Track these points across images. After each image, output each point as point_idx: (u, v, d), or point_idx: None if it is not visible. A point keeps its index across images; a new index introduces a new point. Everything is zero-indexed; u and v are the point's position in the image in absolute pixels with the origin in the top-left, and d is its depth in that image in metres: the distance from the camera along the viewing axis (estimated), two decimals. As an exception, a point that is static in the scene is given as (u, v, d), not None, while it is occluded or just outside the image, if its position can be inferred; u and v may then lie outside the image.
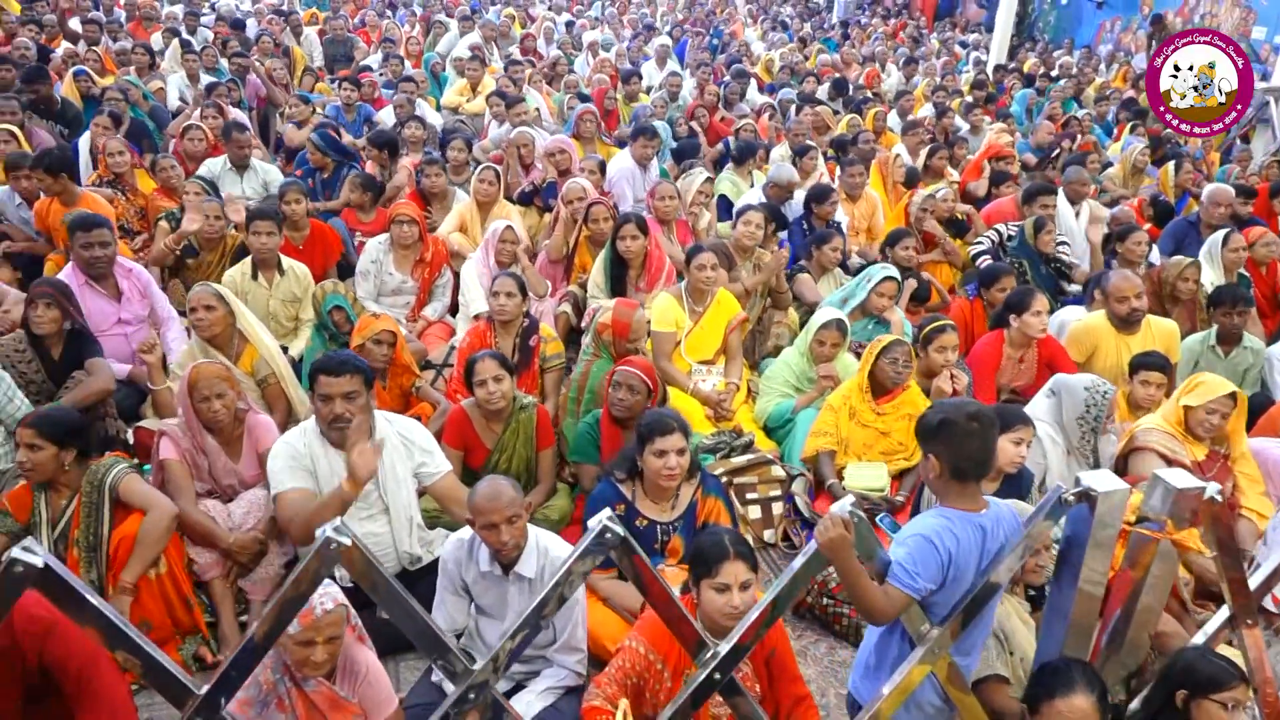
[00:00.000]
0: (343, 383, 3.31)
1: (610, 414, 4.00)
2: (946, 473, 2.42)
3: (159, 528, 3.24)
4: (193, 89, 9.34)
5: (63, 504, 3.32)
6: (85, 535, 3.28)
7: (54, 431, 3.21)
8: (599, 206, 5.67)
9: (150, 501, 3.29)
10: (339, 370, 3.31)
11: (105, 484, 3.29)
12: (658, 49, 12.52)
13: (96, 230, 4.77)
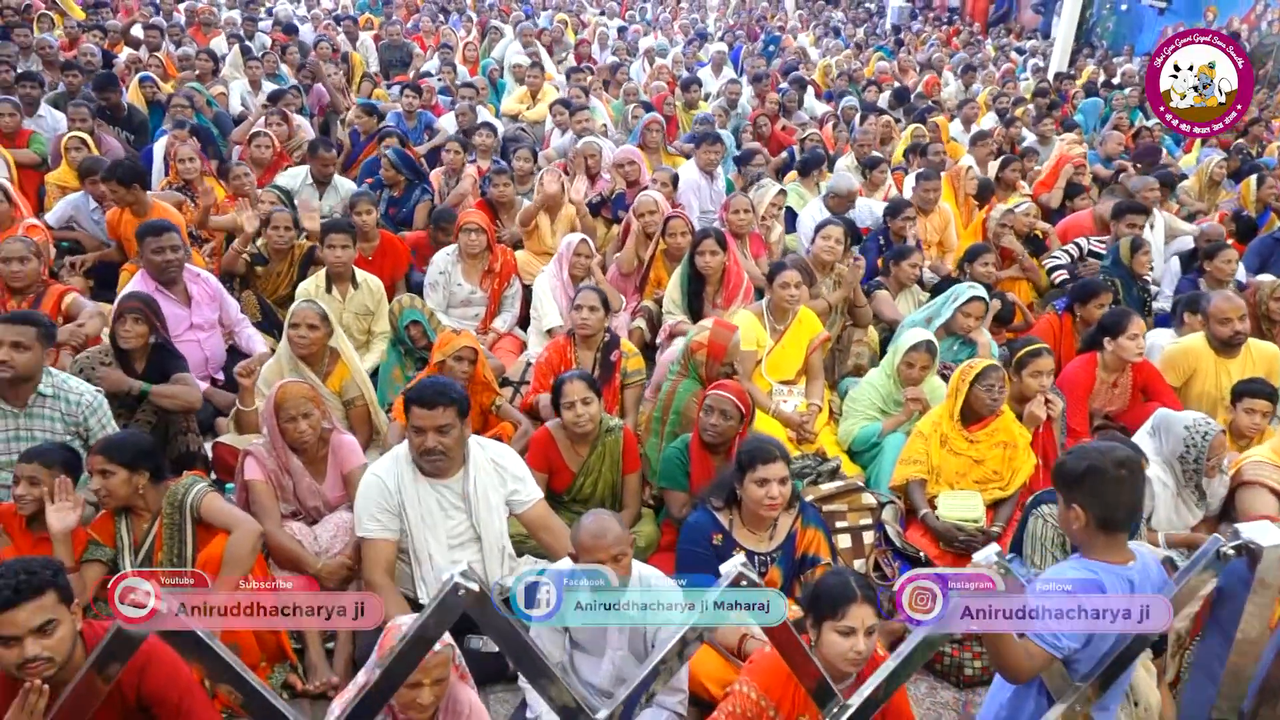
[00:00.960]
0: (437, 415, 3.20)
1: (701, 439, 3.88)
2: (1093, 523, 2.28)
3: (244, 547, 3.16)
4: (254, 95, 9.35)
5: (145, 527, 3.25)
6: (169, 557, 3.21)
7: (123, 456, 3.14)
8: (677, 220, 5.56)
9: (233, 520, 3.21)
10: (433, 402, 3.20)
11: (186, 504, 3.22)
12: (713, 55, 12.39)
13: (166, 235, 4.75)
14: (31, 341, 3.56)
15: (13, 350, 3.53)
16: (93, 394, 3.76)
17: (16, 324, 3.56)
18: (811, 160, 7.49)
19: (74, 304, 4.72)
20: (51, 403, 3.68)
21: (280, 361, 4.40)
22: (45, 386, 3.67)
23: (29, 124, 7.41)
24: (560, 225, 6.30)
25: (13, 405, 3.64)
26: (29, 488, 3.17)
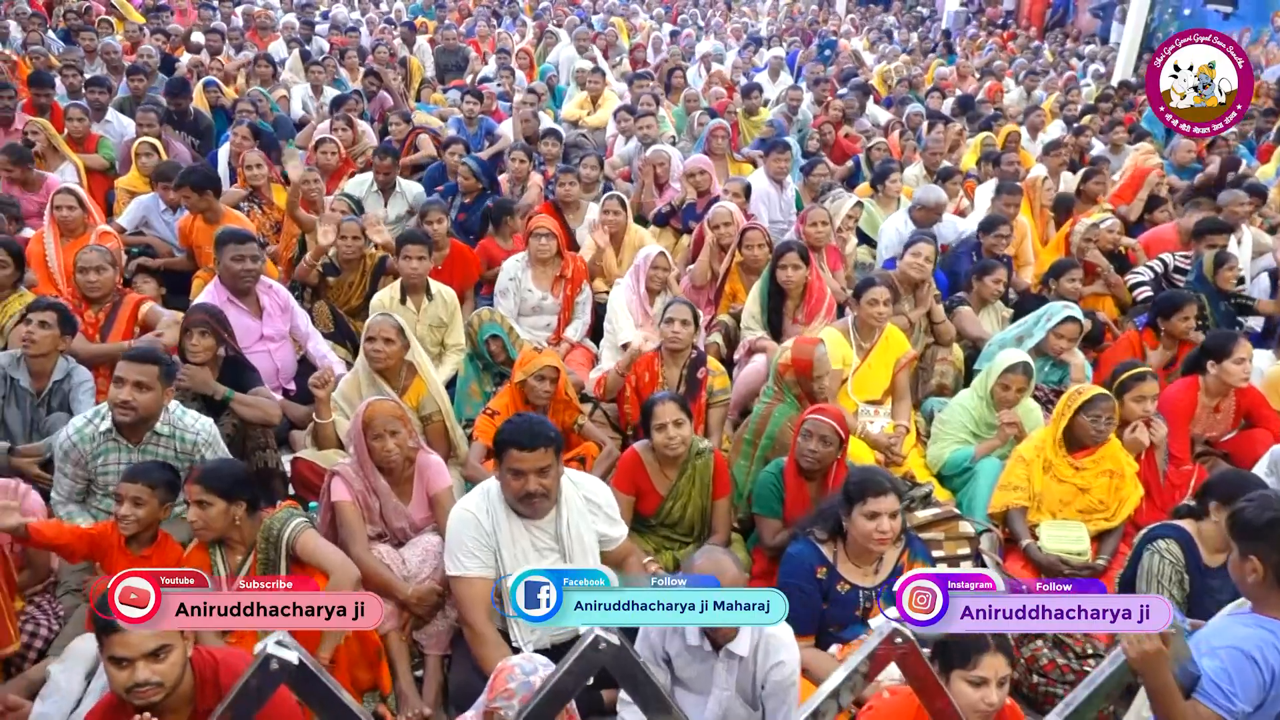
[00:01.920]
0: (537, 458, 3.05)
1: (797, 464, 3.74)
2: (1271, 577, 2.11)
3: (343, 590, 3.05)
4: (315, 100, 9.34)
5: (238, 560, 3.15)
6: (262, 595, 3.12)
7: (221, 485, 3.04)
8: (755, 232, 5.42)
9: (330, 562, 3.08)
10: (532, 444, 3.04)
11: (282, 540, 3.10)
12: (770, 61, 12.24)
13: (248, 244, 4.70)
14: (154, 382, 3.49)
15: (135, 390, 3.45)
16: (208, 430, 3.68)
17: (140, 363, 3.48)
18: (883, 170, 7.31)
19: (151, 313, 4.67)
20: (166, 441, 3.60)
21: (357, 375, 4.32)
22: (162, 425, 3.59)
23: (97, 129, 7.44)
24: (626, 254, 6.16)
25: (129, 440, 3.57)
26: (133, 508, 3.10)
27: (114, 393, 3.49)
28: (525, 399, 4.16)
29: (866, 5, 21.82)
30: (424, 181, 7.36)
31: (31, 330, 3.99)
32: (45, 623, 3.22)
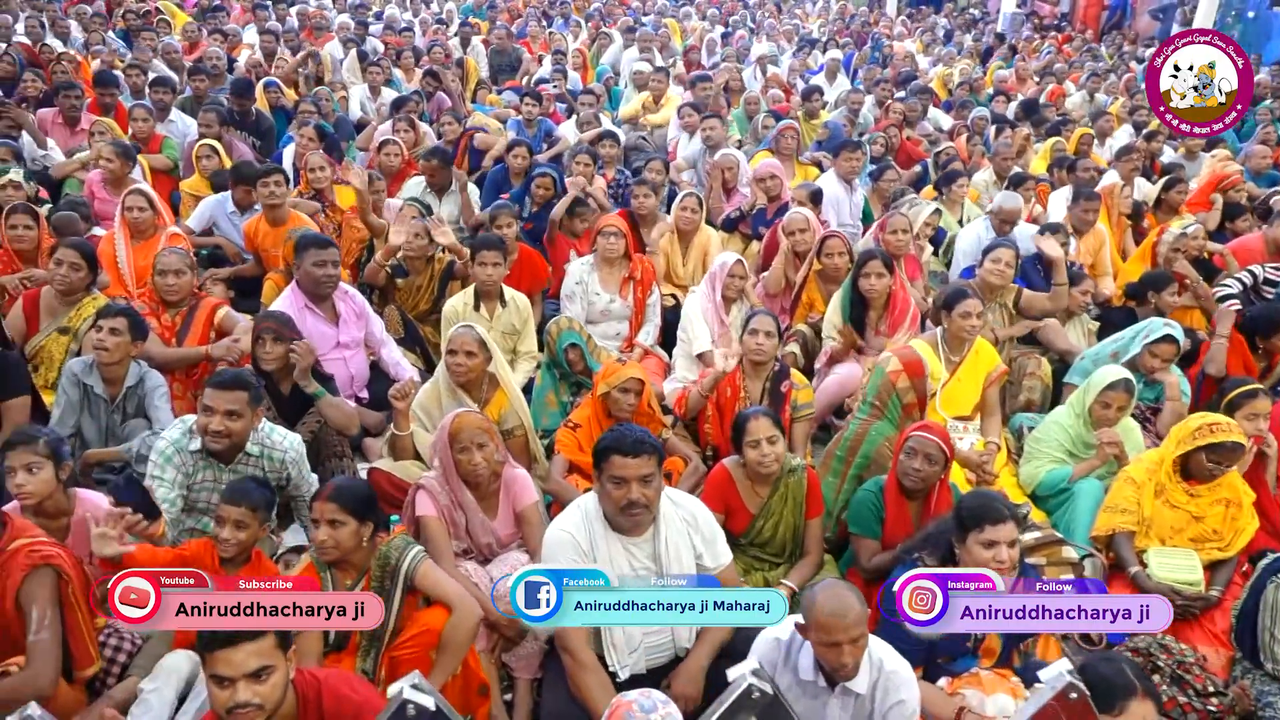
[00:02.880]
0: (640, 464, 2.91)
1: (899, 483, 3.59)
2: None
3: (466, 631, 2.93)
4: (373, 101, 9.29)
5: (348, 584, 3.02)
6: (372, 623, 3.00)
7: (355, 505, 2.94)
8: (835, 240, 5.26)
9: (451, 596, 2.96)
10: (636, 451, 2.90)
11: (400, 569, 2.97)
12: (827, 63, 12.06)
13: (330, 249, 4.64)
14: (244, 408, 3.43)
15: (226, 419, 3.40)
16: (296, 448, 3.63)
17: (229, 390, 3.41)
18: (952, 175, 7.12)
19: (227, 318, 4.61)
20: (255, 460, 3.56)
21: (437, 386, 4.22)
22: (252, 445, 3.54)
23: (161, 129, 7.42)
24: (693, 254, 6.02)
25: (220, 461, 3.52)
26: (234, 531, 3.01)
27: (204, 420, 3.43)
28: (608, 411, 4.04)
29: (917, 7, 21.54)
30: (486, 184, 7.27)
31: (102, 338, 3.93)
32: (128, 638, 3.14)
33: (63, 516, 3.26)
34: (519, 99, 10.30)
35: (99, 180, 6.30)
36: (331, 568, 3.06)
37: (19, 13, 11.18)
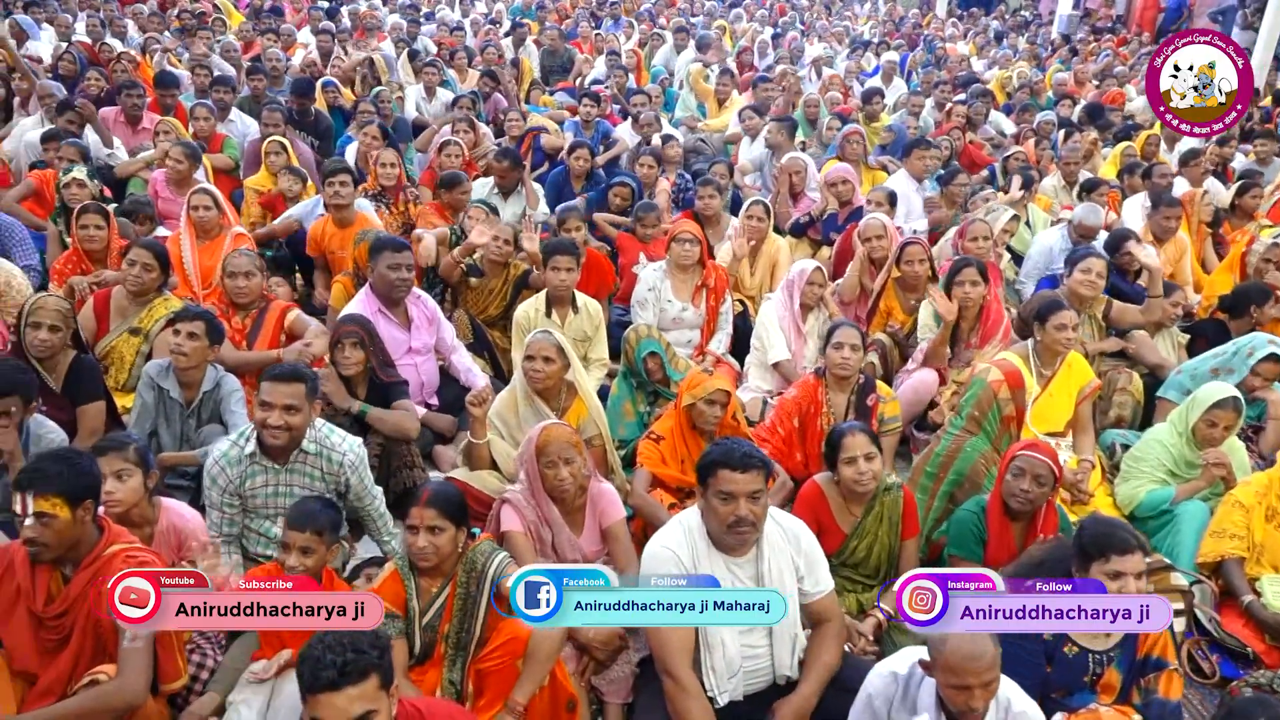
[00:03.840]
0: (749, 480, 2.78)
1: (1003, 504, 3.42)
2: None
3: (554, 642, 2.81)
4: (428, 101, 9.22)
5: (434, 591, 2.92)
6: (456, 632, 2.88)
7: (454, 511, 2.86)
8: (915, 247, 5.08)
9: None
10: (745, 465, 2.77)
11: (487, 577, 2.87)
12: (884, 65, 11.85)
13: (405, 253, 4.54)
14: (302, 401, 3.32)
15: (285, 414, 3.29)
16: (355, 451, 3.50)
17: (286, 383, 3.30)
18: (1027, 180, 6.92)
19: (298, 321, 4.54)
20: (313, 459, 3.43)
21: (514, 394, 4.11)
22: (309, 443, 3.41)
23: (221, 129, 7.40)
24: (761, 262, 5.86)
25: (276, 461, 3.41)
26: (301, 558, 2.91)
27: (261, 415, 3.32)
28: (692, 424, 3.91)
29: (967, 9, 21.20)
30: (545, 186, 7.17)
31: (180, 342, 3.86)
32: (210, 653, 3.05)
33: (147, 525, 3.19)
34: (572, 100, 10.25)
35: (163, 180, 6.27)
36: (416, 575, 2.96)
37: (78, 12, 11.26)
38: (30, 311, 3.86)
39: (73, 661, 2.73)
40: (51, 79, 8.09)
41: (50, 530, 2.57)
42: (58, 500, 2.57)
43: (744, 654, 2.91)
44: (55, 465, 2.63)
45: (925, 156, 6.72)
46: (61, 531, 2.60)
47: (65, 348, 3.94)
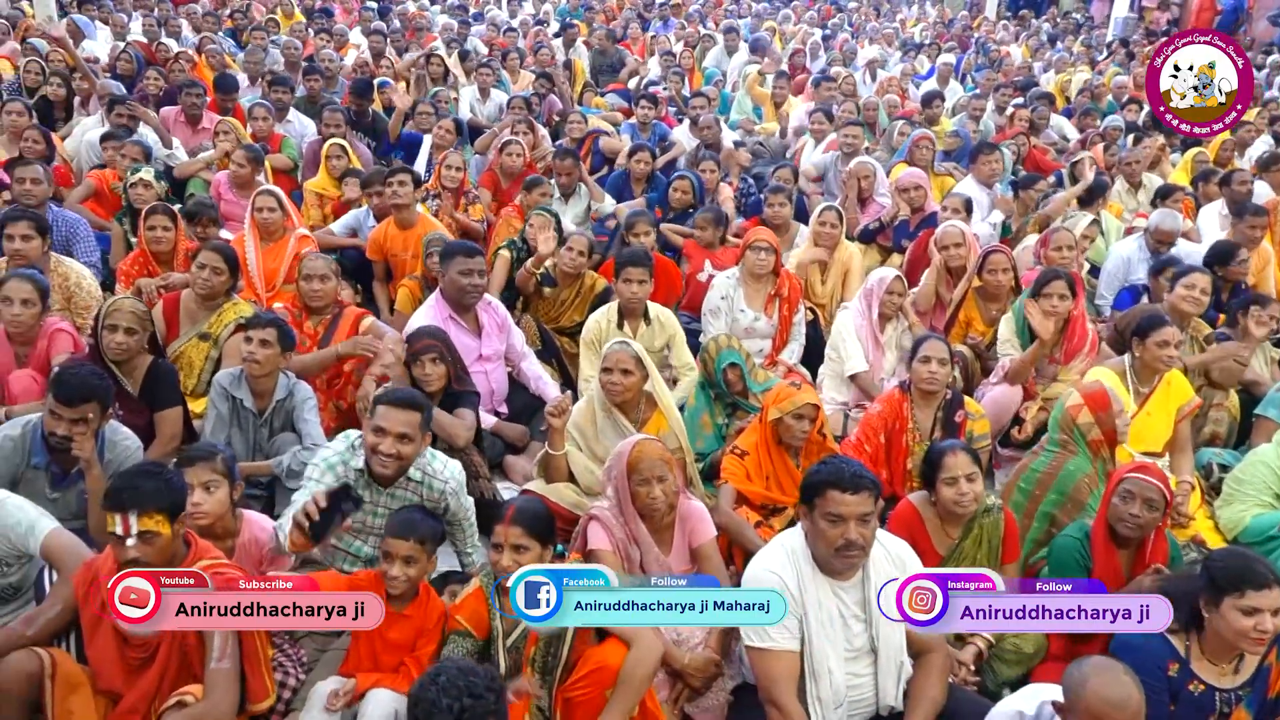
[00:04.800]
0: (860, 502, 2.66)
1: (1109, 529, 3.26)
2: None
3: (646, 669, 2.68)
4: (482, 103, 9.15)
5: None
6: (543, 655, 2.76)
7: (541, 530, 2.76)
8: (999, 256, 4.92)
9: (631, 632, 2.71)
10: (855, 486, 2.65)
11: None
12: (940, 68, 11.64)
13: (478, 258, 4.45)
14: (415, 431, 3.19)
15: (398, 442, 3.15)
16: (456, 476, 3.37)
17: (404, 409, 3.16)
18: (1097, 188, 6.72)
19: (372, 328, 4.45)
20: (416, 486, 3.30)
21: (592, 405, 3.99)
22: (415, 470, 3.28)
23: (279, 129, 7.36)
24: (833, 270, 5.70)
25: (379, 483, 3.29)
26: (404, 568, 2.80)
27: (374, 440, 3.18)
28: (778, 438, 3.77)
29: (1017, 11, 20.86)
30: (606, 189, 7.05)
31: (252, 350, 3.77)
32: (293, 672, 2.96)
33: (229, 538, 3.11)
34: (624, 101, 10.15)
35: (226, 182, 6.24)
36: (498, 593, 2.85)
37: (132, 11, 11.31)
38: (107, 314, 3.80)
39: (158, 680, 2.65)
40: (109, 79, 8.11)
41: (153, 548, 2.49)
42: (160, 516, 2.49)
43: (849, 683, 2.78)
44: (151, 481, 2.54)
45: (990, 160, 6.53)
46: (164, 549, 2.52)
47: (142, 351, 3.88)
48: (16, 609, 2.97)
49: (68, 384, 3.20)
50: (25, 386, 3.98)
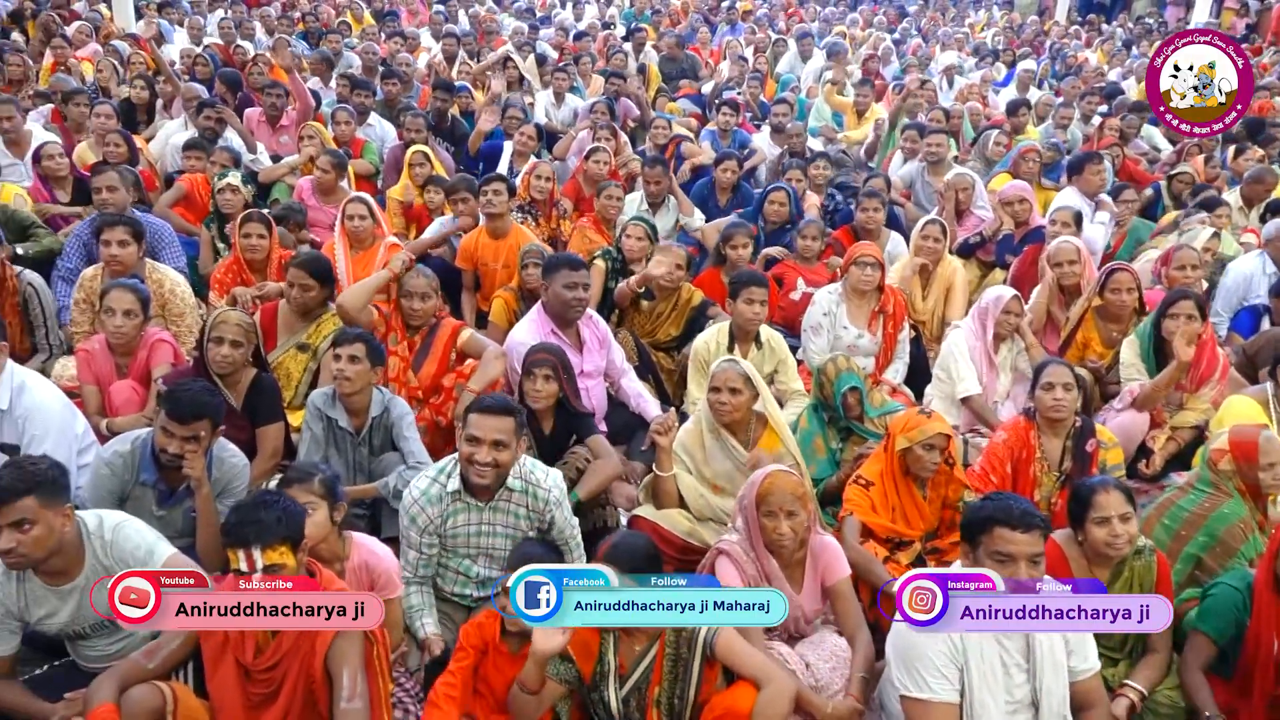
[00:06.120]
0: (1031, 541, 2.51)
1: (1275, 581, 3.02)
2: None
3: (779, 711, 2.53)
4: (557, 108, 9.03)
5: (638, 650, 2.68)
6: (668, 696, 2.63)
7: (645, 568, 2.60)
8: (1124, 274, 4.66)
9: (762, 673, 2.57)
10: (1026, 524, 2.50)
11: (698, 637, 2.62)
12: (1021, 74, 11.32)
13: (582, 271, 4.31)
14: (510, 437, 3.06)
15: (494, 450, 3.03)
16: (559, 485, 3.24)
17: (496, 415, 3.04)
18: (1212, 202, 6.43)
19: (471, 341, 4.32)
20: (519, 497, 3.17)
21: (700, 426, 3.83)
22: (514, 479, 3.15)
23: (359, 133, 7.30)
24: (935, 286, 5.47)
25: (479, 499, 3.16)
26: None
27: (468, 451, 3.06)
28: (905, 469, 3.58)
29: (1086, 16, 20.39)
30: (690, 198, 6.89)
31: (342, 367, 3.64)
32: (413, 710, 2.84)
33: (336, 562, 2.99)
34: (695, 106, 9.98)
35: (309, 188, 6.17)
36: (616, 631, 2.71)
37: (207, 14, 11.38)
38: (213, 326, 3.72)
39: (281, 718, 2.53)
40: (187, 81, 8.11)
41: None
42: (284, 548, 2.38)
43: (1008, 724, 2.60)
44: (271, 512, 2.43)
45: (1101, 171, 6.28)
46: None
47: (246, 364, 3.78)
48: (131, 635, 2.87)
49: (181, 401, 3.12)
50: (127, 398, 3.93)
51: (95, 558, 2.73)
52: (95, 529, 2.74)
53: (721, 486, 3.77)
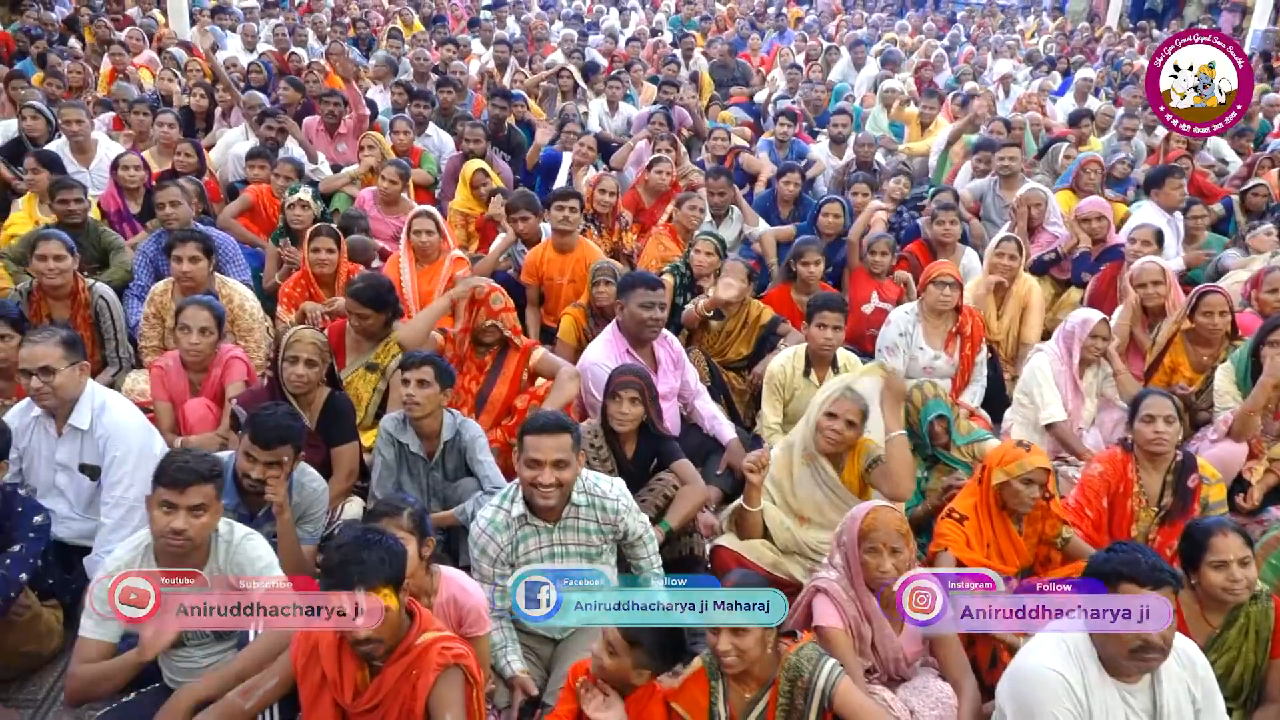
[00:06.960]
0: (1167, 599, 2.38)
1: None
2: None
3: None
4: (610, 116, 8.95)
5: (749, 698, 2.57)
6: (787, 753, 2.53)
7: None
8: (1216, 297, 4.50)
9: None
10: (1156, 580, 2.37)
11: (816, 687, 2.51)
12: (1079, 82, 11.10)
13: (659, 290, 4.22)
14: (569, 454, 2.99)
15: (555, 470, 2.95)
16: (625, 493, 3.17)
17: (553, 434, 2.97)
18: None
19: (543, 361, 4.24)
20: (585, 512, 3.10)
21: (789, 454, 3.72)
22: (578, 494, 3.08)
23: (418, 143, 7.25)
24: (1010, 305, 5.31)
25: (547, 520, 3.09)
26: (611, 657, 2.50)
27: (530, 474, 2.99)
28: (1002, 503, 3.44)
29: (1139, 22, 20.03)
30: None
31: (411, 392, 3.56)
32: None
33: (424, 597, 2.89)
34: (747, 115, 9.86)
35: (371, 199, 6.13)
36: (724, 677, 2.60)
37: (260, 21, 11.41)
38: (288, 345, 3.66)
39: (378, 760, 2.45)
40: (243, 89, 8.10)
41: (386, 625, 2.29)
42: (387, 590, 2.29)
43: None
44: (373, 553, 2.33)
45: (1182, 185, 6.10)
46: (393, 624, 2.33)
47: (320, 384, 3.72)
48: (226, 648, 2.83)
49: (265, 426, 3.06)
50: (201, 416, 3.89)
51: (215, 561, 2.75)
52: (225, 533, 2.80)
53: (808, 517, 3.66)
